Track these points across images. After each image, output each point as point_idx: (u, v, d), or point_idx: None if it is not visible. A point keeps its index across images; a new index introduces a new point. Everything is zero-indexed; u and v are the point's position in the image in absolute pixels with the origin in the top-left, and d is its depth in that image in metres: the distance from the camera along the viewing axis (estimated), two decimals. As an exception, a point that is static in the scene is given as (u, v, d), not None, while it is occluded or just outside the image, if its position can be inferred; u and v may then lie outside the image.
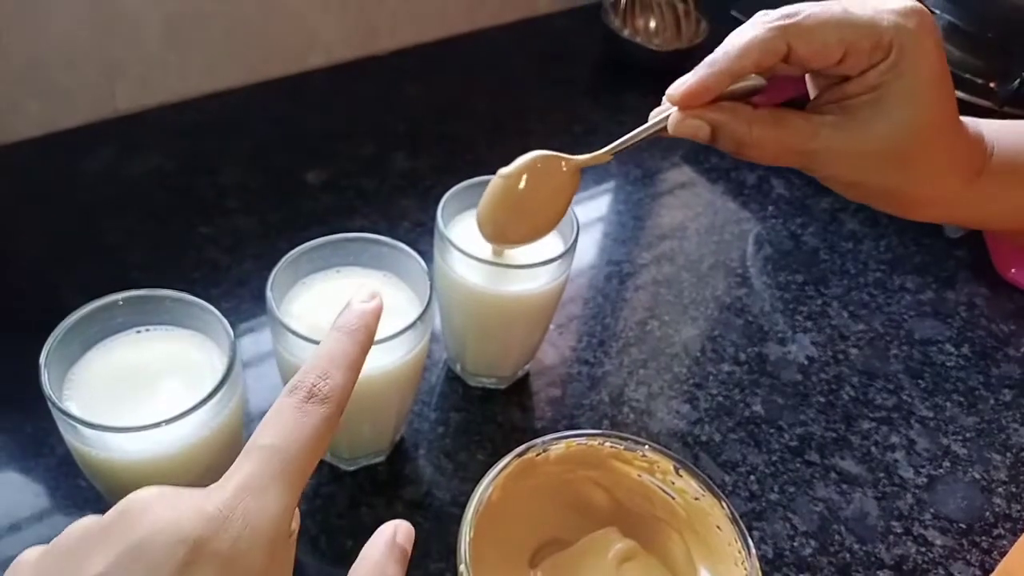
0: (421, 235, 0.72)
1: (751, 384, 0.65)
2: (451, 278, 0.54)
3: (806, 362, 0.67)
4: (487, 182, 0.56)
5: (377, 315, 0.34)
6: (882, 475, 0.60)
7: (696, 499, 0.47)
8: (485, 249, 0.52)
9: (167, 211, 0.72)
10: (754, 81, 0.40)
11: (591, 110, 0.92)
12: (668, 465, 0.47)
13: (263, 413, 0.57)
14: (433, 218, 0.54)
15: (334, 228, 0.52)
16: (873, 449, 0.61)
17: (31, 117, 0.75)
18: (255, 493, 0.27)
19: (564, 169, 0.46)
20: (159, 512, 0.26)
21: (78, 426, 0.40)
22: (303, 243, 0.51)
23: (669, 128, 0.41)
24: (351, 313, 0.33)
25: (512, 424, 0.59)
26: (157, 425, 0.40)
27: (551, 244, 0.55)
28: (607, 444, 0.48)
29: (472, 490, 0.43)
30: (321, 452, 0.30)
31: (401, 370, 0.48)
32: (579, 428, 0.59)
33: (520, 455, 0.46)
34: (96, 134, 0.78)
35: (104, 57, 0.75)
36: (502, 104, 0.91)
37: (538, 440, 0.47)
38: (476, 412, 0.60)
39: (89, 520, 0.27)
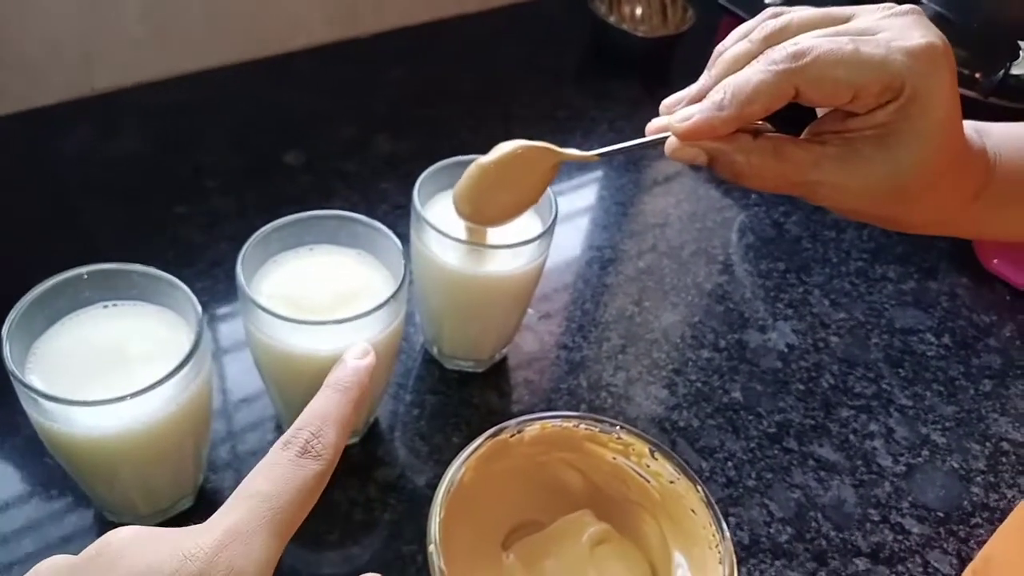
0: (400, 217, 0.71)
1: (730, 371, 0.64)
2: (427, 258, 0.53)
3: (786, 350, 0.67)
4: (465, 163, 0.55)
5: (370, 371, 0.35)
6: (860, 463, 0.60)
7: (671, 482, 0.46)
8: (461, 230, 0.51)
9: (143, 190, 0.71)
10: (759, 125, 0.39)
11: (576, 96, 0.91)
12: (643, 448, 0.47)
13: (240, 398, 0.56)
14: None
15: (312, 209, 0.51)
16: (852, 437, 0.61)
17: (6, 94, 0.73)
18: (242, 539, 0.27)
19: (545, 161, 0.45)
20: (136, 557, 0.26)
21: (40, 400, 0.39)
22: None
23: (667, 152, 0.40)
24: (345, 370, 0.34)
25: (488, 407, 0.59)
26: (121, 399, 0.39)
27: (529, 225, 0.54)
28: (582, 426, 0.47)
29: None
30: (309, 506, 0.31)
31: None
32: (556, 410, 0.59)
33: (493, 436, 0.46)
34: (73, 112, 0.77)
35: (82, 35, 0.74)
36: (487, 89, 0.90)
37: (512, 421, 0.46)
38: (452, 395, 0.59)
39: (60, 560, 0.27)
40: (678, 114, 0.40)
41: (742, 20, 0.41)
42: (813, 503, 0.57)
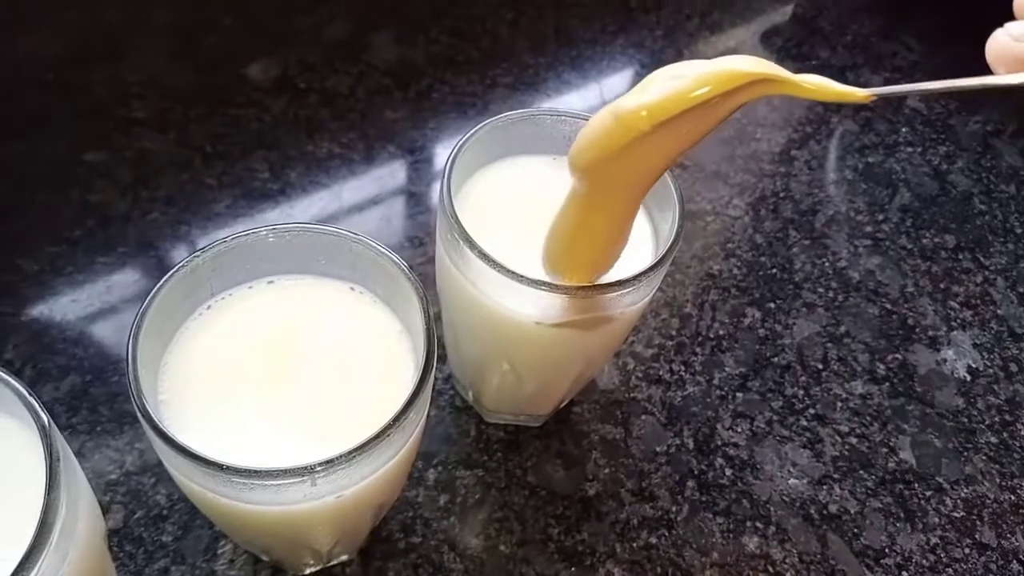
0: (415, 168, 0.49)
1: (896, 414, 0.44)
2: (464, 291, 0.32)
3: (968, 377, 0.47)
4: (529, 117, 0.35)
5: None
6: (1085, 563, 0.41)
7: None
8: (527, 250, 0.30)
9: (40, 123, 0.49)
10: None
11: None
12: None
13: (170, 532, 0.37)
14: (433, 140, 0.33)
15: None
16: (1069, 520, 0.42)
17: None
18: None
19: (753, 99, 0.25)
20: None
21: None
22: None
23: None
24: None
25: (551, 487, 0.39)
26: None
27: (636, 245, 0.33)
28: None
29: None
30: None
31: (383, 478, 0.28)
32: (651, 490, 0.40)
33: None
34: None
35: None
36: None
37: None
38: (497, 468, 0.40)
39: None
40: None
41: None
42: (1027, 636, 0.38)
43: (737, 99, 0.25)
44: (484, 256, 0.29)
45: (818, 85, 0.25)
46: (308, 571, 0.35)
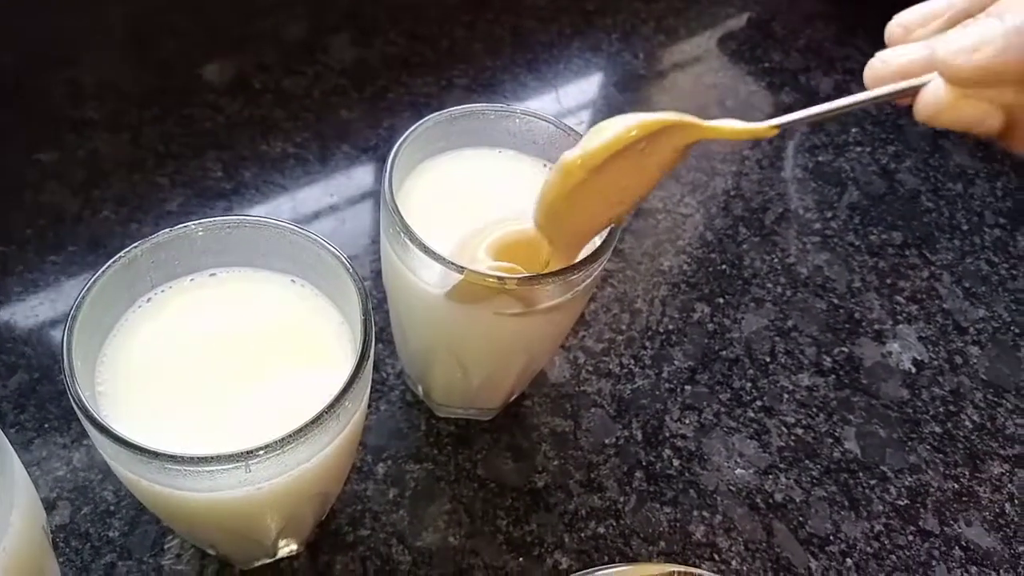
0: (368, 166, 0.49)
1: (841, 405, 0.45)
2: (407, 282, 0.32)
3: (913, 369, 0.48)
4: (471, 112, 0.35)
5: None
6: (1023, 550, 0.42)
7: None
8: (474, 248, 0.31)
9: (-8, 123, 0.49)
10: None
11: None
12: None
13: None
14: (387, 140, 0.34)
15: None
16: (1008, 508, 0.43)
17: None
18: None
19: (676, 141, 0.28)
20: None
21: None
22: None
23: (924, 111, 0.24)
24: None
25: (500, 481, 0.40)
26: None
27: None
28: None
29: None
30: None
31: (321, 465, 0.28)
32: (600, 481, 0.40)
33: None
34: None
35: None
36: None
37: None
38: (447, 462, 0.40)
39: None
40: (952, 41, 0.24)
41: None
42: (967, 620, 0.39)
43: (660, 146, 0.28)
44: (422, 246, 0.30)
45: (725, 127, 0.27)
46: (255, 564, 0.35)
